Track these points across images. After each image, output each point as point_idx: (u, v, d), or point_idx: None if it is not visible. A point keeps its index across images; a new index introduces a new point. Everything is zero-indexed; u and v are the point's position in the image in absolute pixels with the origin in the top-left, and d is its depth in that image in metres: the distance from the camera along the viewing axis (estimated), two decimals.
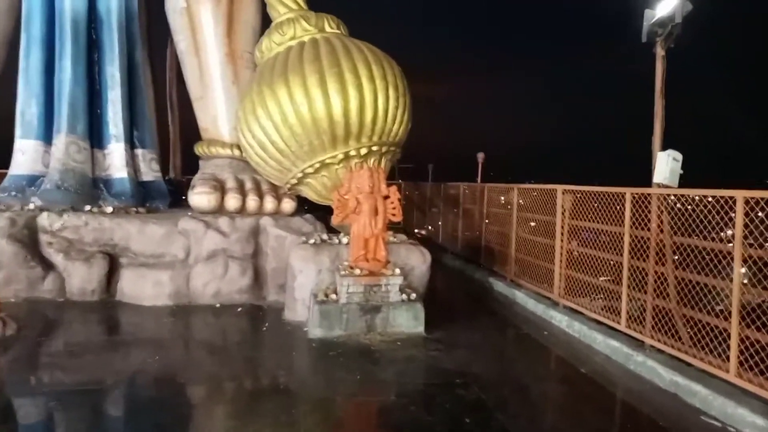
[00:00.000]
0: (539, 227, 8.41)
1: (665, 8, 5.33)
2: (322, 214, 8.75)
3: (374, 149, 7.55)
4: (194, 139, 9.85)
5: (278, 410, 4.57)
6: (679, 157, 5.38)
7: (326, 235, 7.89)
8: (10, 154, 9.12)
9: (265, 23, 9.00)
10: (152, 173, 9.93)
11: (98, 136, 9.32)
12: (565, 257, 7.52)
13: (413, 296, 6.77)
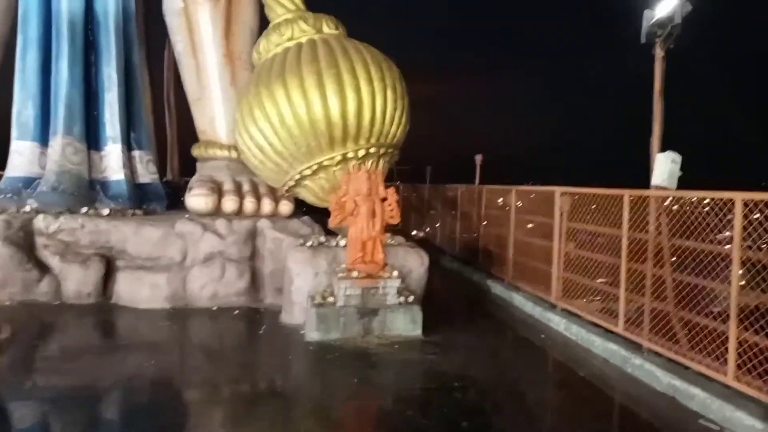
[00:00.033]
0: (537, 229, 8.39)
1: (664, 9, 5.30)
2: (319, 216, 8.72)
3: (372, 151, 7.51)
4: (192, 140, 9.82)
5: (275, 414, 4.55)
6: (678, 158, 5.36)
7: (324, 237, 7.86)
8: (5, 155, 9.08)
9: (263, 24, 8.97)
10: (149, 175, 9.88)
11: (95, 137, 9.27)
12: (563, 260, 7.50)
13: (411, 299, 6.75)
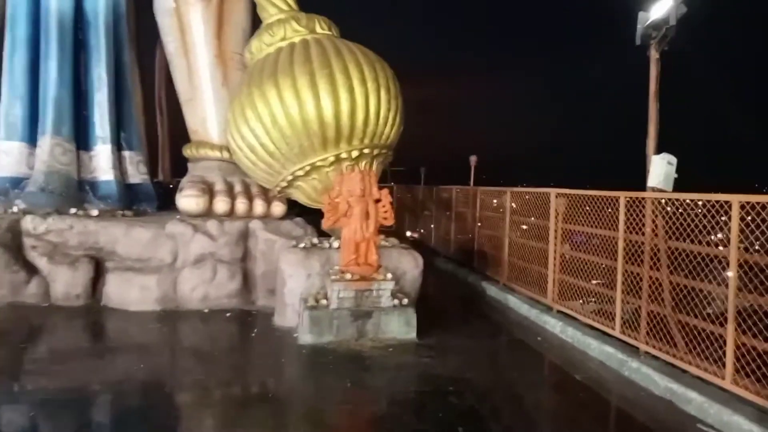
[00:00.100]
0: (532, 231, 8.35)
1: (659, 11, 5.27)
2: (312, 217, 8.64)
3: (366, 152, 7.45)
4: (183, 141, 9.72)
5: (267, 419, 4.48)
6: (673, 160, 5.33)
7: (317, 239, 7.78)
8: None
9: (255, 24, 8.89)
10: (140, 176, 9.76)
11: (84, 137, 9.14)
12: (558, 261, 7.45)
13: (405, 301, 6.67)
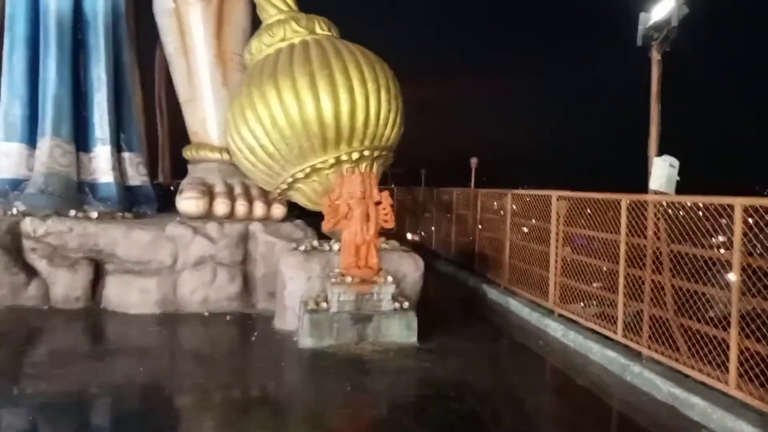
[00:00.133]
0: (533, 234, 8.30)
1: (661, 12, 5.22)
2: (313, 219, 8.60)
3: (366, 154, 7.41)
4: (184, 142, 9.68)
5: (267, 422, 4.45)
6: (675, 163, 5.29)
7: (317, 241, 7.73)
8: None
9: (255, 25, 8.86)
10: (139, 177, 9.73)
11: (84, 139, 9.11)
12: (560, 264, 7.41)
13: (406, 305, 6.63)
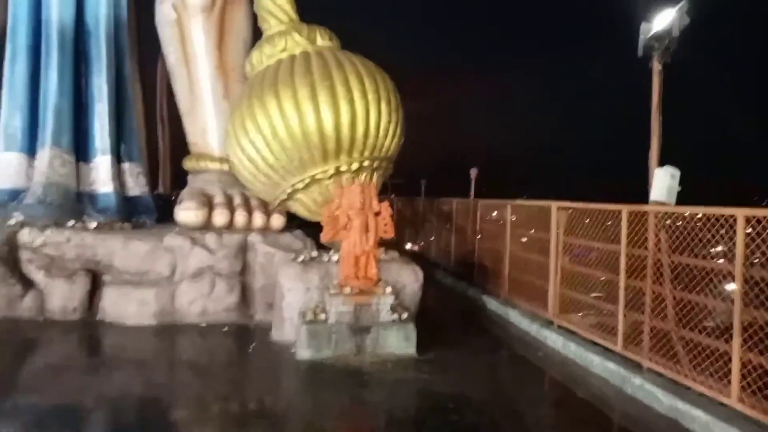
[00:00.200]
0: (533, 244, 8.25)
1: (662, 22, 5.21)
2: (312, 230, 8.57)
3: (366, 164, 7.40)
4: (185, 153, 9.68)
5: None
6: (676, 173, 5.26)
7: (316, 252, 7.70)
8: None
9: (256, 36, 8.89)
10: (139, 188, 9.73)
11: (84, 149, 9.12)
12: (560, 275, 7.36)
13: (405, 316, 6.57)
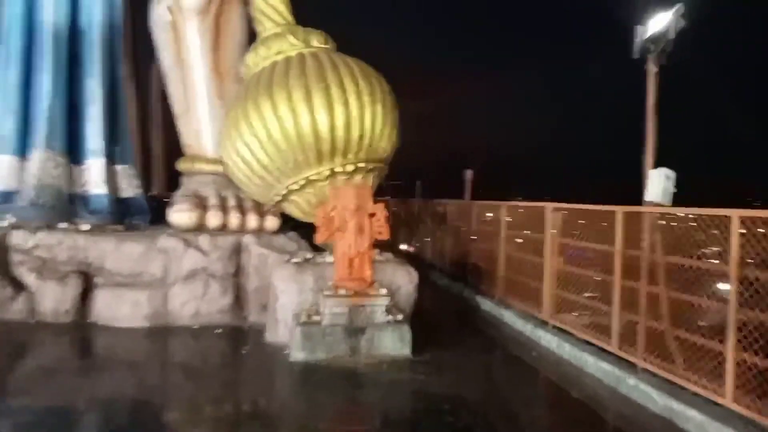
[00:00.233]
0: (528, 245, 8.26)
1: (658, 24, 5.22)
2: (307, 231, 8.55)
3: (361, 166, 7.40)
4: (179, 155, 9.63)
5: None
6: (672, 175, 5.27)
7: (311, 253, 7.67)
8: None
9: (251, 38, 8.87)
10: (132, 189, 9.68)
11: (76, 151, 9.07)
12: (554, 276, 7.36)
13: (399, 317, 6.56)
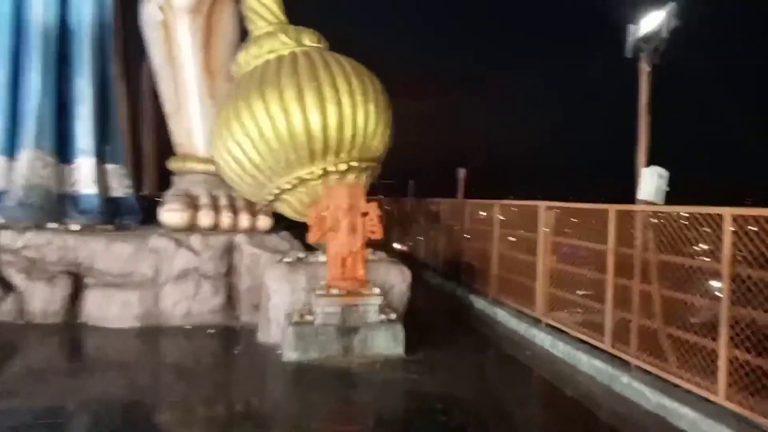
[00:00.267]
0: (521, 244, 8.26)
1: (650, 24, 5.21)
2: (300, 231, 8.51)
3: (353, 165, 7.37)
4: (170, 154, 9.57)
5: None
6: (664, 173, 5.27)
7: (303, 253, 7.64)
8: None
9: (243, 37, 8.81)
10: (123, 189, 9.58)
11: (66, 150, 8.95)
12: (547, 274, 7.36)
13: (393, 316, 6.54)
